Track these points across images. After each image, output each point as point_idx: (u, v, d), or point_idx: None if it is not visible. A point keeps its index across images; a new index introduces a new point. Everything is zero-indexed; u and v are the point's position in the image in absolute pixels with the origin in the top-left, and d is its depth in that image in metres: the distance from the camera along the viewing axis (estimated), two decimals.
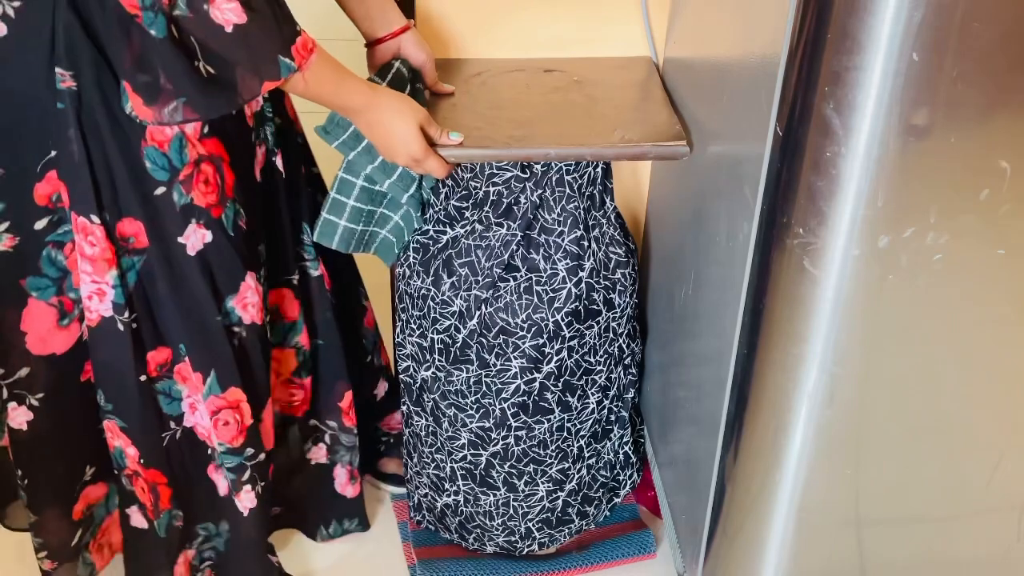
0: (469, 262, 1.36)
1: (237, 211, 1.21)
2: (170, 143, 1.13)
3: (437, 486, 1.54)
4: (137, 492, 1.35)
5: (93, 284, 1.17)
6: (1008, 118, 0.89)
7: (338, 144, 1.25)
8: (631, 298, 1.46)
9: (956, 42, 0.84)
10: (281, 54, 1.05)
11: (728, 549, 1.24)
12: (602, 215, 1.39)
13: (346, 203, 1.30)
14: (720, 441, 1.19)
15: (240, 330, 1.27)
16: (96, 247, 1.15)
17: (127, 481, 1.34)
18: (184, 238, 1.18)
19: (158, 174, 1.14)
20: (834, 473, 1.11)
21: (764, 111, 0.98)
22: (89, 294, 1.18)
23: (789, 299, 1.01)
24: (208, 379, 1.26)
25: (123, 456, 1.31)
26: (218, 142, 1.17)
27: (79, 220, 1.14)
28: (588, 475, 1.54)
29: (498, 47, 1.48)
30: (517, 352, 1.38)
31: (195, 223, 1.18)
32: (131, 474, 1.33)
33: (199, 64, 1.02)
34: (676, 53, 1.41)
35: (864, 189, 0.91)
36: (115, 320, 1.20)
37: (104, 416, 1.29)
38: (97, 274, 1.17)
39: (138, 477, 1.33)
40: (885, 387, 1.06)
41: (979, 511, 1.17)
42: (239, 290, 1.24)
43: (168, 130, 1.12)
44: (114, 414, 1.28)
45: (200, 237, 1.19)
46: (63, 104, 1.08)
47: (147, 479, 1.32)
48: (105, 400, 1.27)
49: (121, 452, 1.31)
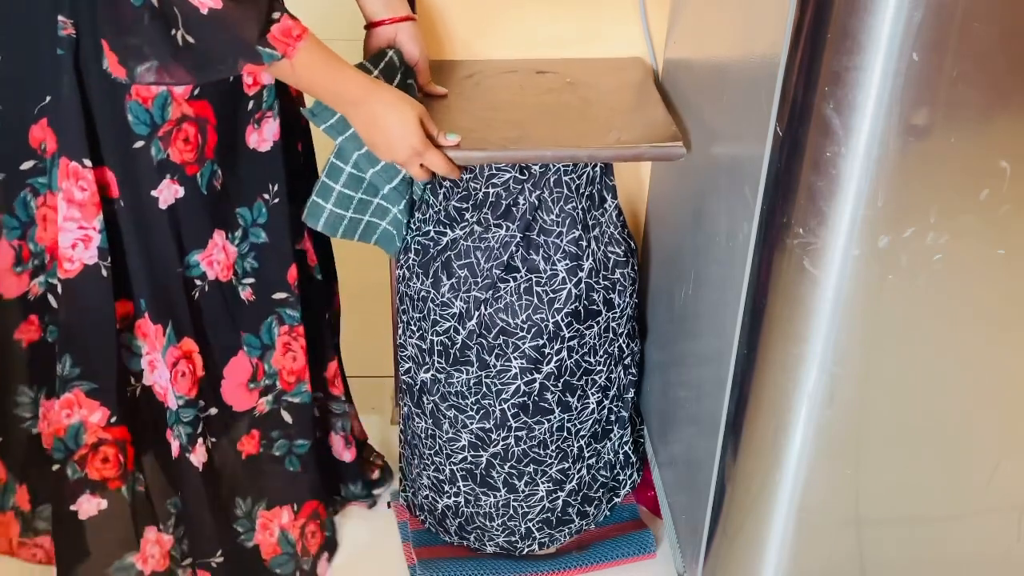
0: (468, 263, 1.36)
1: (214, 172, 1.23)
2: (153, 100, 1.15)
3: (437, 488, 1.54)
4: (91, 471, 1.32)
5: (80, 231, 1.19)
6: (1008, 118, 0.90)
7: (326, 128, 1.24)
8: (631, 298, 1.46)
9: (956, 42, 0.84)
10: (259, 42, 1.06)
11: (728, 549, 1.24)
12: (602, 214, 1.39)
13: (333, 188, 1.30)
14: (720, 441, 1.19)
15: (202, 284, 1.29)
16: (87, 191, 1.17)
17: (74, 468, 1.31)
18: (157, 192, 1.20)
19: (139, 128, 1.16)
20: (834, 473, 1.11)
21: (764, 111, 0.98)
22: (73, 242, 1.19)
23: (789, 299, 1.01)
24: (167, 330, 1.27)
25: (80, 432, 1.29)
26: (207, 104, 1.19)
27: (70, 165, 1.16)
28: (588, 475, 1.54)
29: (491, 48, 1.48)
30: (517, 353, 1.38)
31: (169, 178, 1.20)
32: (87, 451, 1.30)
33: (177, 33, 1.04)
34: (676, 53, 1.41)
35: (864, 189, 0.91)
36: (99, 267, 1.21)
37: (65, 388, 1.27)
38: (85, 219, 1.18)
39: (99, 448, 1.31)
40: (885, 387, 1.06)
41: (979, 511, 1.17)
42: (206, 247, 1.27)
43: (154, 88, 1.14)
44: (82, 378, 1.27)
45: (172, 192, 1.21)
46: (62, 51, 1.11)
47: (116, 439, 1.31)
48: (71, 365, 1.26)
49: (78, 427, 1.29)
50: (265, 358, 1.38)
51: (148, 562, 1.40)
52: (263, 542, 1.48)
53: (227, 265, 1.30)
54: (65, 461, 1.31)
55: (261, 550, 1.48)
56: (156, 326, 1.26)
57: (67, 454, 1.31)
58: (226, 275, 1.30)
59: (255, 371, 1.38)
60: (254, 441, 1.42)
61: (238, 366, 1.37)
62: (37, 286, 1.27)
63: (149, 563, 1.41)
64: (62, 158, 1.16)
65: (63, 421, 1.29)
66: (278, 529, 1.48)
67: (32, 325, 1.31)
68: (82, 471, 1.32)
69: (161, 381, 1.31)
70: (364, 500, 1.66)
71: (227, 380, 1.37)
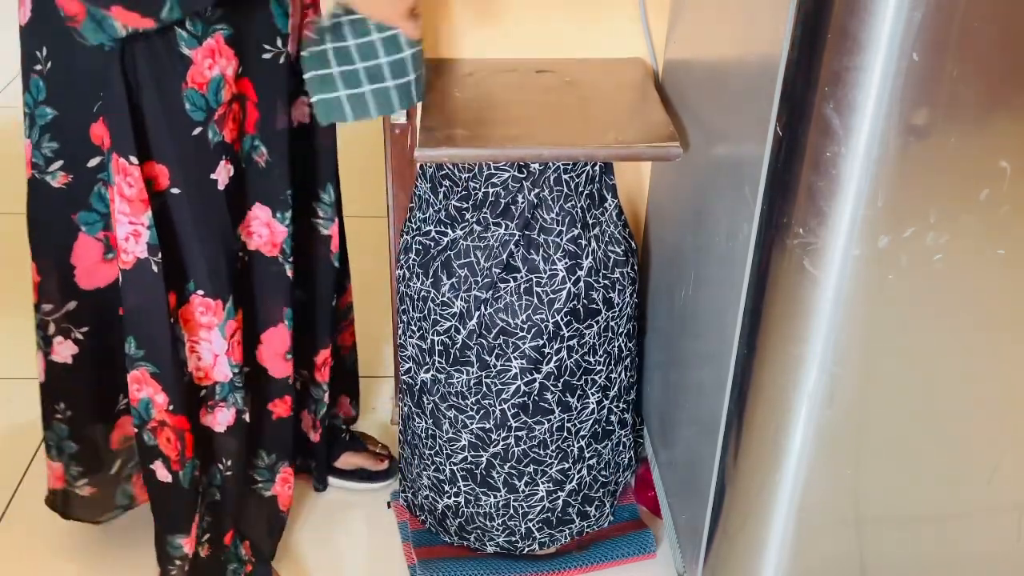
0: (468, 263, 1.36)
1: (255, 146, 1.26)
2: (208, 84, 1.16)
3: (437, 488, 1.54)
4: (161, 444, 1.35)
5: (130, 225, 1.21)
6: (1008, 118, 0.90)
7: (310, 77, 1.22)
8: (631, 297, 1.46)
9: (956, 42, 0.84)
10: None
11: (728, 549, 1.24)
12: (602, 213, 1.39)
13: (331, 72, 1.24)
14: (720, 441, 1.19)
15: (243, 255, 1.32)
16: (134, 188, 1.18)
17: (150, 435, 1.35)
18: (216, 174, 1.22)
19: (196, 114, 1.17)
20: (834, 473, 1.11)
21: (764, 111, 0.98)
22: (126, 235, 1.21)
23: (789, 299, 1.01)
24: (227, 304, 1.29)
25: (150, 407, 1.32)
26: (248, 82, 1.21)
27: (120, 161, 1.18)
28: (589, 475, 1.54)
29: (490, 47, 1.48)
30: (517, 353, 1.38)
31: (224, 159, 1.22)
32: (156, 425, 1.34)
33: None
34: (676, 53, 1.41)
35: (864, 189, 0.91)
36: (149, 262, 1.23)
37: (133, 365, 1.30)
38: (134, 215, 1.20)
39: (163, 427, 1.34)
40: (885, 387, 1.06)
41: (979, 511, 1.18)
42: (244, 218, 1.30)
43: (207, 72, 1.15)
44: (145, 360, 1.29)
45: (227, 172, 1.23)
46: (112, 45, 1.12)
47: (174, 426, 1.33)
48: (136, 347, 1.29)
49: (148, 402, 1.32)
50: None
51: (192, 546, 1.44)
52: (281, 494, 1.53)
53: (272, 242, 1.32)
54: (141, 427, 1.35)
55: (279, 500, 1.53)
56: (216, 301, 1.28)
57: (142, 422, 1.34)
58: (271, 251, 1.32)
59: (292, 344, 1.41)
60: (286, 406, 1.45)
61: (277, 336, 1.39)
62: None
63: (191, 546, 1.44)
64: (113, 153, 1.18)
65: (135, 394, 1.33)
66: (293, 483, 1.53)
67: None
68: (155, 440, 1.36)
69: (215, 352, 1.33)
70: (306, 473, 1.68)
71: (265, 346, 1.40)
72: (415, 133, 1.48)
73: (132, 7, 1.04)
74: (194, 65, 1.14)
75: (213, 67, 1.15)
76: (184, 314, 1.30)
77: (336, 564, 1.59)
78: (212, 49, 1.14)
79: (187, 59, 1.14)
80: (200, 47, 1.13)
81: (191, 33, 1.12)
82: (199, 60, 1.14)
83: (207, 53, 1.14)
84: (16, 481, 1.69)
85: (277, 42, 1.22)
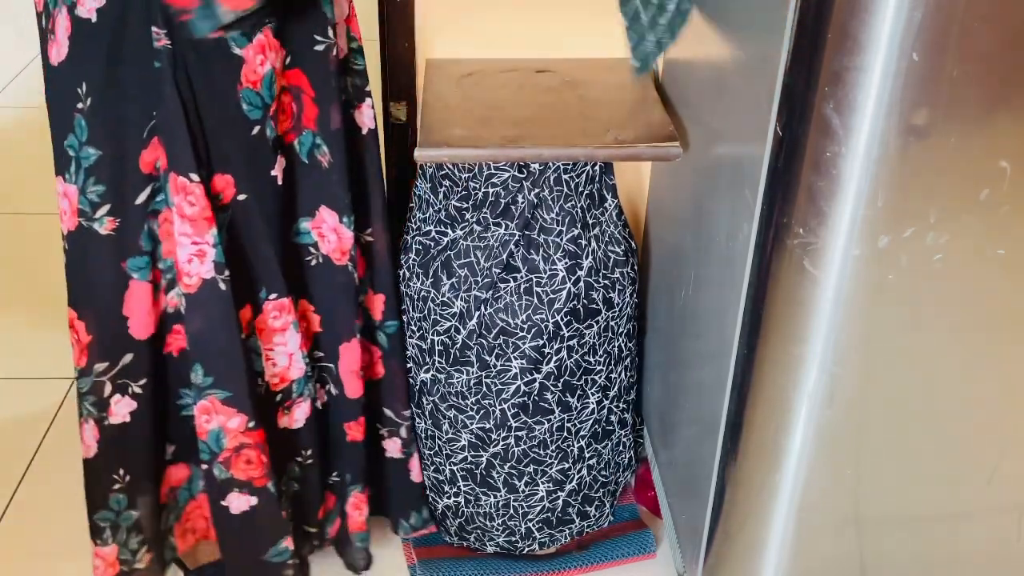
0: (468, 263, 1.36)
1: (316, 144, 1.22)
2: (262, 81, 1.14)
3: (437, 488, 1.54)
4: (237, 472, 1.31)
5: (193, 246, 1.17)
6: (1008, 118, 0.90)
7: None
8: (631, 297, 1.46)
9: (956, 42, 0.84)
10: None
11: (728, 549, 1.24)
12: (602, 213, 1.39)
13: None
14: (720, 441, 1.19)
15: (316, 253, 1.28)
16: (196, 206, 1.15)
17: (221, 468, 1.30)
18: (275, 170, 1.19)
19: (253, 113, 1.15)
20: (834, 473, 1.11)
21: (764, 111, 0.98)
22: (188, 257, 1.17)
23: (789, 299, 1.01)
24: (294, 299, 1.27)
25: (221, 436, 1.28)
26: (300, 72, 1.18)
27: (179, 180, 1.14)
28: (589, 475, 1.54)
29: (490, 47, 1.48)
30: (517, 353, 1.38)
31: (279, 154, 1.19)
32: (231, 454, 1.29)
33: None
34: (676, 53, 1.41)
35: (864, 189, 0.91)
36: (216, 280, 1.19)
37: (201, 395, 1.25)
38: (197, 234, 1.16)
39: (241, 451, 1.29)
40: (885, 387, 1.06)
41: (979, 511, 1.17)
42: (314, 216, 1.25)
43: (259, 69, 1.12)
44: (215, 387, 1.25)
45: (280, 165, 1.20)
46: (160, 63, 1.09)
47: (255, 443, 1.29)
48: (204, 374, 1.24)
49: (219, 432, 1.28)
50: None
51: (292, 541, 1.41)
52: (351, 516, 1.48)
53: (341, 249, 1.28)
54: (211, 462, 1.30)
55: (349, 521, 1.49)
56: (288, 299, 1.26)
57: (212, 456, 1.30)
58: (340, 259, 1.28)
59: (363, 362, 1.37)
60: (360, 429, 1.41)
61: (351, 352, 1.35)
62: (175, 297, 1.25)
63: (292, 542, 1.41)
64: (171, 173, 1.14)
65: (204, 426, 1.28)
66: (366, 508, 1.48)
67: (179, 335, 1.29)
68: (228, 472, 1.31)
69: (290, 351, 1.30)
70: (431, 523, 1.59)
71: (343, 360, 1.36)
72: (415, 133, 1.48)
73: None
74: (246, 63, 1.12)
75: (264, 63, 1.12)
76: (259, 324, 1.27)
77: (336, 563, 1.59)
78: (263, 44, 1.11)
79: (239, 59, 1.11)
80: (251, 44, 1.11)
81: (242, 32, 1.10)
82: (251, 57, 1.11)
83: (258, 49, 1.11)
84: (16, 481, 1.69)
85: (328, 32, 1.18)
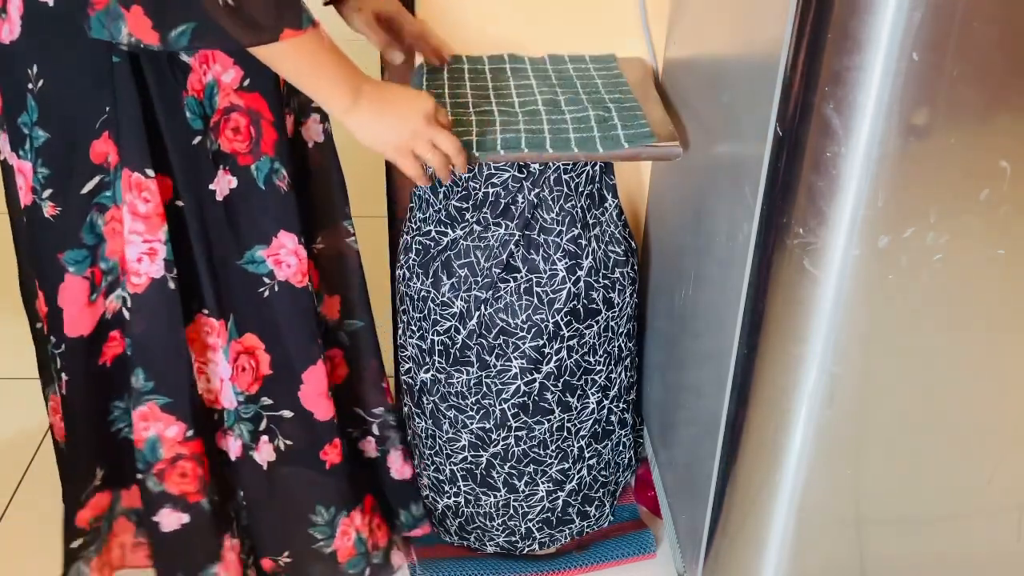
0: (468, 263, 1.36)
1: (274, 169, 1.20)
2: (204, 90, 1.13)
3: (437, 488, 1.54)
4: (171, 485, 1.30)
5: (144, 244, 1.16)
6: (1008, 118, 0.90)
7: None
8: (631, 297, 1.46)
9: (956, 42, 0.84)
10: (300, 6, 1.02)
11: (728, 549, 1.24)
12: (602, 213, 1.39)
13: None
14: (720, 441, 1.19)
15: (271, 283, 1.25)
16: (150, 203, 1.14)
17: (155, 481, 1.29)
18: (215, 184, 1.18)
19: (195, 123, 1.14)
20: (834, 473, 1.11)
21: (764, 111, 0.98)
22: (138, 256, 1.17)
23: (789, 299, 1.01)
24: (229, 324, 1.25)
25: (157, 446, 1.27)
26: (260, 97, 1.16)
27: (133, 176, 1.13)
28: (589, 476, 1.54)
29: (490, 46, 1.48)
30: (517, 353, 1.38)
31: (222, 169, 1.17)
32: (166, 465, 1.29)
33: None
34: (676, 53, 1.41)
35: (864, 189, 0.91)
36: (166, 279, 1.18)
37: (140, 401, 1.24)
38: (150, 232, 1.16)
39: (176, 463, 1.29)
40: (885, 387, 1.06)
41: (979, 511, 1.18)
42: (270, 243, 1.23)
43: (204, 78, 1.12)
44: (156, 392, 1.24)
45: (227, 183, 1.18)
46: (118, 58, 1.08)
47: (192, 454, 1.28)
48: (145, 379, 1.24)
49: (156, 441, 1.27)
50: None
51: (230, 568, 1.39)
52: (341, 547, 1.45)
53: (301, 271, 1.25)
54: (146, 472, 1.29)
55: (338, 554, 1.45)
56: (219, 321, 1.24)
57: (147, 466, 1.29)
58: (300, 281, 1.26)
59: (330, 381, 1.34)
60: (337, 451, 1.38)
61: (317, 375, 1.32)
62: (114, 301, 1.24)
63: (231, 569, 1.39)
64: (124, 169, 1.13)
65: (141, 434, 1.26)
66: (354, 532, 1.45)
67: (114, 341, 1.27)
68: (161, 484, 1.30)
69: (221, 376, 1.29)
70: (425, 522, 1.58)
71: (307, 386, 1.32)
72: None
73: (149, 14, 0.98)
74: (193, 72, 1.12)
75: (208, 72, 1.12)
76: (190, 333, 1.25)
77: None
78: (206, 55, 1.11)
79: (186, 66, 1.11)
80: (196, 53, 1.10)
81: None
82: (196, 67, 1.11)
83: (202, 59, 1.11)
84: (16, 481, 1.69)
85: None
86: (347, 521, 1.44)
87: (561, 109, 1.30)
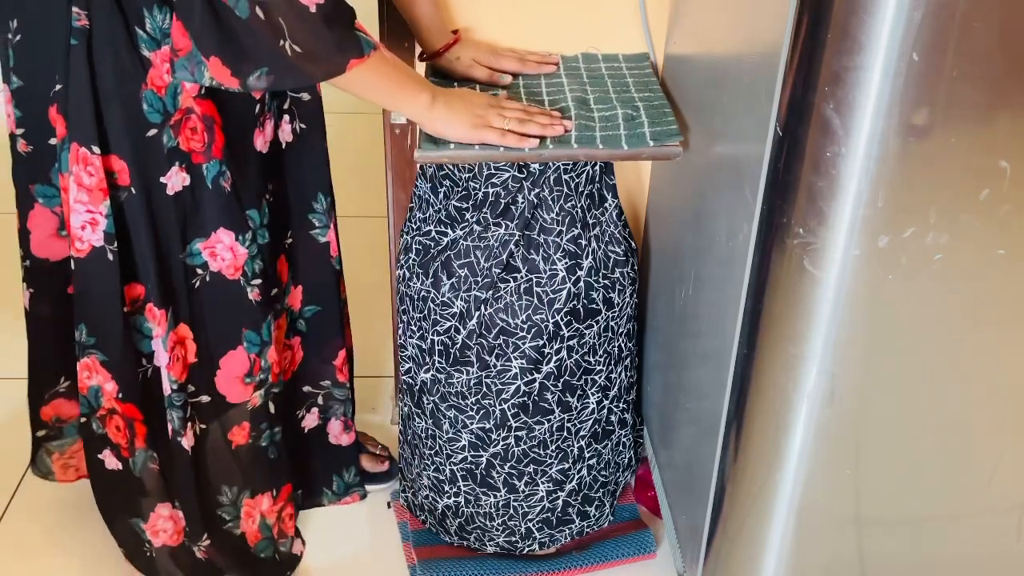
0: (468, 263, 1.36)
1: (222, 172, 1.26)
2: (167, 88, 1.18)
3: (437, 488, 1.54)
4: (111, 433, 1.39)
5: (87, 214, 1.23)
6: (1008, 118, 0.89)
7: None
8: (631, 297, 1.46)
9: (956, 42, 0.84)
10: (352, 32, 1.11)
11: (728, 549, 1.24)
12: (602, 213, 1.39)
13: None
14: (720, 441, 1.19)
15: (203, 273, 1.32)
16: (94, 177, 1.21)
17: (98, 424, 1.38)
18: (166, 178, 1.24)
19: (152, 116, 1.19)
20: (834, 473, 1.11)
21: (764, 111, 0.98)
22: (82, 223, 1.23)
23: (789, 299, 1.01)
24: (169, 315, 1.31)
25: (99, 395, 1.35)
26: (212, 105, 1.22)
27: (80, 151, 1.20)
28: (589, 476, 1.54)
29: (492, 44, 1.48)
30: (517, 353, 1.38)
31: (178, 166, 1.23)
32: (105, 413, 1.37)
33: (284, 43, 1.06)
34: (676, 53, 1.41)
35: (864, 189, 0.91)
36: (105, 250, 1.25)
37: (84, 352, 1.33)
38: (92, 203, 1.22)
39: (113, 416, 1.37)
40: (885, 387, 1.06)
41: (979, 511, 1.18)
42: (209, 237, 1.30)
43: (166, 77, 1.17)
44: (96, 348, 1.32)
45: (180, 179, 1.25)
46: (76, 41, 1.15)
47: (124, 414, 1.36)
48: (87, 334, 1.32)
49: (97, 390, 1.35)
50: (262, 354, 1.40)
51: (160, 536, 1.46)
52: (248, 530, 1.51)
53: (235, 265, 1.32)
54: (90, 416, 1.38)
55: (247, 537, 1.52)
56: (161, 311, 1.30)
57: (91, 410, 1.38)
58: (233, 274, 1.33)
59: (252, 366, 1.40)
60: (244, 432, 1.45)
61: (236, 360, 1.39)
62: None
63: (161, 536, 1.46)
64: (72, 143, 1.19)
65: (84, 382, 1.35)
66: (259, 516, 1.51)
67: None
68: (103, 428, 1.38)
69: (158, 364, 1.35)
70: (356, 490, 1.67)
71: (223, 371, 1.39)
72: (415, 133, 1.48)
73: (227, 63, 1.08)
74: (154, 68, 1.16)
75: (170, 71, 1.16)
76: (152, 309, 1.31)
77: (336, 564, 1.59)
78: (167, 54, 1.15)
79: (147, 61, 1.16)
80: (159, 51, 1.15)
81: (150, 36, 1.14)
82: (158, 64, 1.16)
83: (164, 57, 1.15)
84: (16, 481, 1.69)
85: None
86: (252, 503, 1.50)
87: (590, 107, 1.31)
